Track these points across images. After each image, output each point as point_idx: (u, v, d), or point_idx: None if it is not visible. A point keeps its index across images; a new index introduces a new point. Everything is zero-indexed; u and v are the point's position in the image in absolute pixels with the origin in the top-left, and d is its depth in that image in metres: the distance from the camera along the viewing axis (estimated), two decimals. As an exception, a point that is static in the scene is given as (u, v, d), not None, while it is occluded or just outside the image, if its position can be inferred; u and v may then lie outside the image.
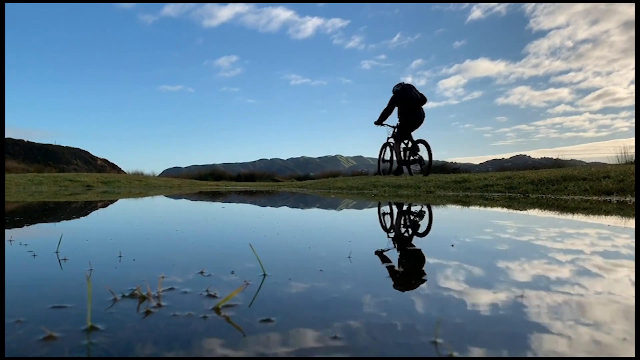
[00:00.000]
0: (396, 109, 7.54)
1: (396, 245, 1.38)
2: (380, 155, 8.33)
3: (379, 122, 7.80)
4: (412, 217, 2.57)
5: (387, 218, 2.55)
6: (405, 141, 7.57)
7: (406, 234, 1.72)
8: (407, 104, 7.28)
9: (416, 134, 7.62)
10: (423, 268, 1.03)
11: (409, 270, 1.00)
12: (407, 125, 7.38)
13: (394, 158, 7.84)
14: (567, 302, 0.77)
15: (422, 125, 7.34)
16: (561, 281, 0.92)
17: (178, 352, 0.55)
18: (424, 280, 0.92)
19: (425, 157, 7.22)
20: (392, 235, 1.71)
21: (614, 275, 0.98)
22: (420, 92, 7.39)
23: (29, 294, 0.81)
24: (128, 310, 0.71)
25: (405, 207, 3.30)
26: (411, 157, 7.49)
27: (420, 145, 7.37)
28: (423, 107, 7.39)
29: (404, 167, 7.77)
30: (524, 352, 0.56)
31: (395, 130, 7.66)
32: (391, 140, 7.84)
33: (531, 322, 0.67)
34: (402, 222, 2.27)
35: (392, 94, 7.48)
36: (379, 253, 1.25)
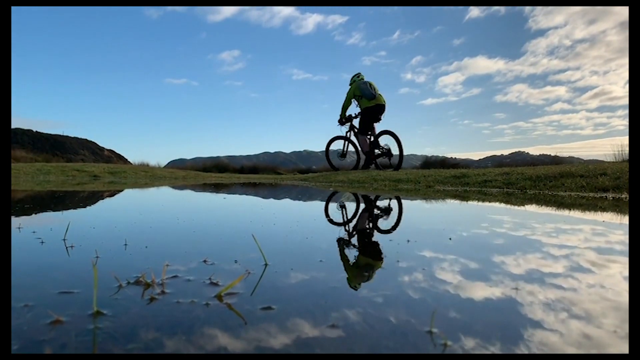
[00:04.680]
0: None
1: (395, 238, 1.40)
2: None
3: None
4: (410, 211, 2.59)
5: (386, 212, 2.57)
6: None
7: (404, 228, 1.74)
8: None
9: None
10: (420, 260, 1.05)
11: (406, 262, 1.02)
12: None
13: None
14: (560, 296, 0.79)
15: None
16: (554, 275, 0.94)
17: (180, 338, 0.57)
18: (421, 272, 0.94)
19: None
20: (390, 228, 1.73)
21: (607, 271, 1.00)
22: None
23: (37, 280, 0.83)
24: (133, 296, 0.73)
25: (403, 202, 3.33)
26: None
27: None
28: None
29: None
30: (516, 344, 0.58)
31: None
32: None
33: (524, 315, 0.69)
34: (401, 215, 2.29)
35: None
36: (378, 245, 1.27)
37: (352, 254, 1.13)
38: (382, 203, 3.21)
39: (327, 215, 2.25)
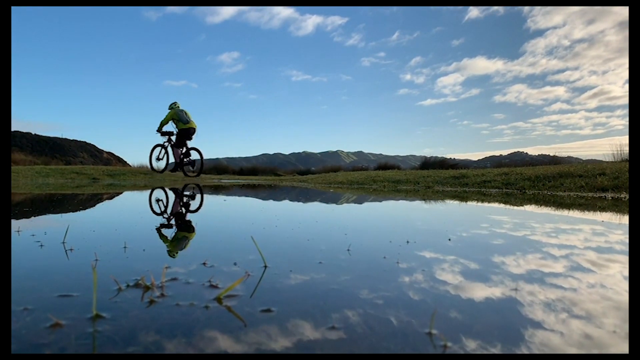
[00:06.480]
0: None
1: (393, 239, 1.40)
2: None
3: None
4: (409, 211, 2.59)
5: (388, 213, 2.57)
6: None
7: (403, 229, 1.74)
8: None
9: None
10: (419, 261, 1.05)
11: (405, 264, 1.02)
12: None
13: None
14: (560, 296, 0.79)
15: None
16: (554, 275, 0.94)
17: (180, 340, 0.57)
18: (420, 273, 0.94)
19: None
20: (387, 230, 1.73)
21: (606, 271, 1.00)
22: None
23: (36, 283, 0.82)
24: (132, 299, 0.73)
25: (401, 202, 3.33)
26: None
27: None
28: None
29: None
30: (517, 345, 0.58)
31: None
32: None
33: (524, 315, 0.69)
34: (398, 216, 2.29)
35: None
36: (377, 247, 1.27)
37: (350, 255, 1.12)
38: (378, 205, 3.20)
39: (324, 217, 2.25)
